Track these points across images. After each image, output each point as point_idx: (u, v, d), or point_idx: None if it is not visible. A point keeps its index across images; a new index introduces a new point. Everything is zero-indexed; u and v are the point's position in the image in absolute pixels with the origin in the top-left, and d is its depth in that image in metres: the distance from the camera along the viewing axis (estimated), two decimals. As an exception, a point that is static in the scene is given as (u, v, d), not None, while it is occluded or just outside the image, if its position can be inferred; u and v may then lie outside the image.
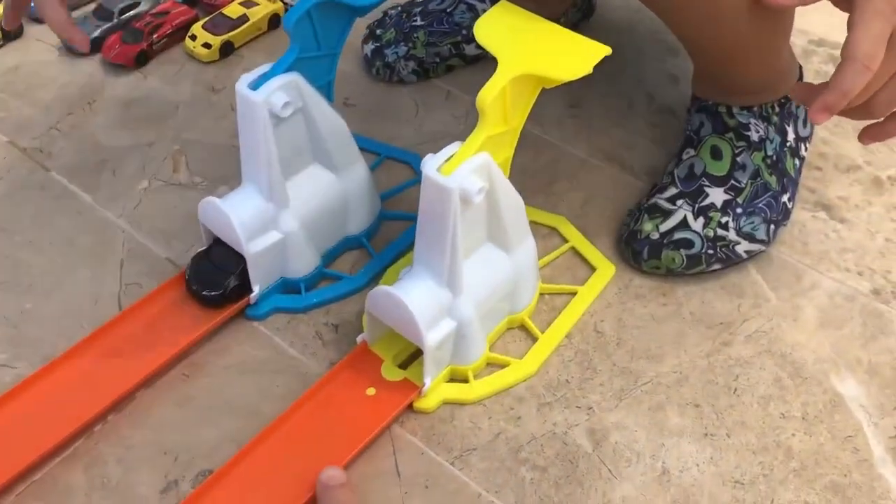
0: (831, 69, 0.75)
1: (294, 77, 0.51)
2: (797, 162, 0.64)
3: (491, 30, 0.48)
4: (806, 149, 0.65)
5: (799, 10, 0.55)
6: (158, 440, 0.51)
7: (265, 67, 0.51)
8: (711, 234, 0.58)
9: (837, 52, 0.47)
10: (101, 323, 0.55)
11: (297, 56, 0.51)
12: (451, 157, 0.46)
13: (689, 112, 0.64)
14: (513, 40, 0.47)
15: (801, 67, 0.65)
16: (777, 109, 0.62)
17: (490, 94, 0.45)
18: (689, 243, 0.58)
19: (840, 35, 0.45)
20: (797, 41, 0.77)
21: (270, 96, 0.50)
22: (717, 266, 0.59)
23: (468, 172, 0.46)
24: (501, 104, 0.46)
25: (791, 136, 0.63)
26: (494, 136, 0.47)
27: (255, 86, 0.51)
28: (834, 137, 0.70)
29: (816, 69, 0.76)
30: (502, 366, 0.54)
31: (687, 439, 0.51)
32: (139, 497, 0.48)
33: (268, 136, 0.52)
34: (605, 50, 0.46)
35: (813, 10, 0.53)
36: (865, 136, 0.51)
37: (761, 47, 0.58)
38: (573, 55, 0.46)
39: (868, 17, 0.44)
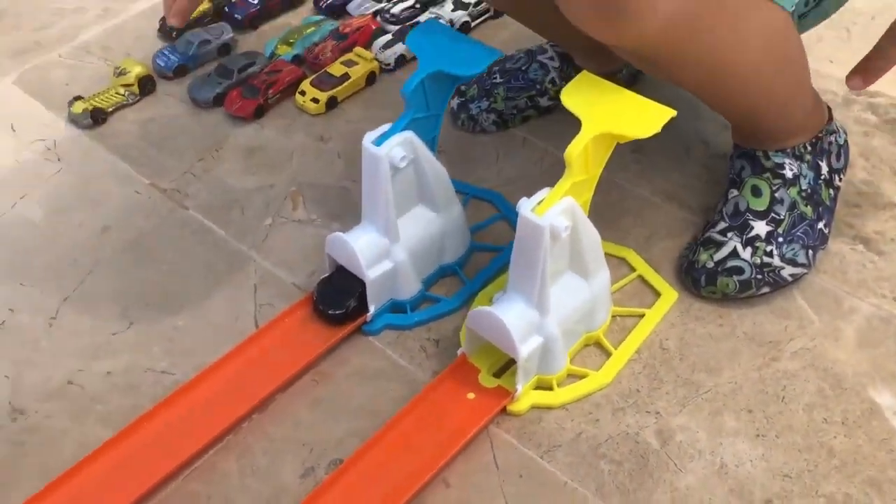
0: (871, 117, 0.84)
1: (409, 134, 0.62)
2: (832, 192, 0.72)
3: (575, 96, 0.58)
4: (841, 179, 0.74)
5: (839, 61, 0.64)
6: (296, 435, 0.61)
7: (385, 127, 0.62)
8: (759, 261, 0.67)
9: (876, 101, 0.56)
10: (242, 338, 0.66)
11: (411, 118, 0.62)
12: (543, 200, 0.56)
13: (732, 158, 0.73)
14: (593, 104, 0.57)
15: (829, 109, 0.73)
16: (809, 148, 0.71)
17: (576, 149, 0.55)
18: (740, 270, 0.67)
19: (877, 86, 0.54)
20: (839, 90, 0.86)
21: (391, 151, 0.61)
22: (765, 289, 0.68)
23: (557, 213, 0.56)
24: (584, 157, 0.56)
25: (825, 170, 0.72)
26: (578, 182, 0.57)
27: (377, 142, 0.61)
28: (872, 178, 0.78)
29: (856, 117, 0.84)
30: (581, 377, 0.64)
31: (741, 439, 0.60)
32: (282, 481, 0.59)
33: (387, 184, 0.62)
34: (670, 112, 0.56)
35: (854, 63, 0.63)
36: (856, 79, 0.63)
37: (779, 105, 0.68)
38: (644, 116, 0.56)
39: None
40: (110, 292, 0.72)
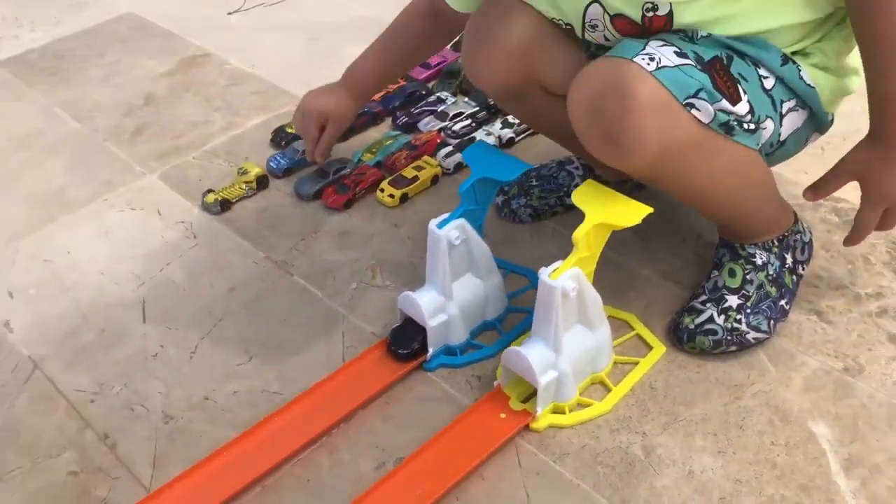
0: (834, 217, 1.04)
1: (462, 221, 0.85)
2: (795, 278, 0.92)
3: (581, 196, 0.81)
4: (804, 268, 0.94)
5: (813, 173, 0.85)
6: (372, 439, 0.83)
7: (445, 215, 0.86)
8: (730, 326, 0.87)
9: (839, 205, 0.78)
10: (333, 370, 0.89)
11: (465, 209, 0.85)
12: (556, 268, 0.78)
13: (717, 247, 0.94)
14: (593, 202, 0.80)
15: (795, 213, 0.93)
16: (776, 243, 0.91)
17: (580, 233, 0.77)
18: (714, 332, 0.87)
19: (842, 193, 0.77)
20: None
21: (449, 232, 0.84)
22: (733, 348, 0.87)
23: (567, 278, 0.78)
24: (587, 240, 0.78)
25: (790, 261, 0.92)
26: (583, 258, 0.79)
27: (439, 226, 0.85)
28: (830, 266, 0.98)
29: (822, 217, 1.05)
30: (587, 405, 0.84)
31: (707, 454, 0.79)
32: (361, 472, 0.80)
33: (445, 256, 0.85)
34: (647, 209, 0.78)
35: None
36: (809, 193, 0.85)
37: (749, 214, 0.89)
38: (629, 212, 0.78)
39: (872, 210, 0.81)
40: (235, 335, 0.95)
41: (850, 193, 1.02)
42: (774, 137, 0.83)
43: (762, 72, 0.79)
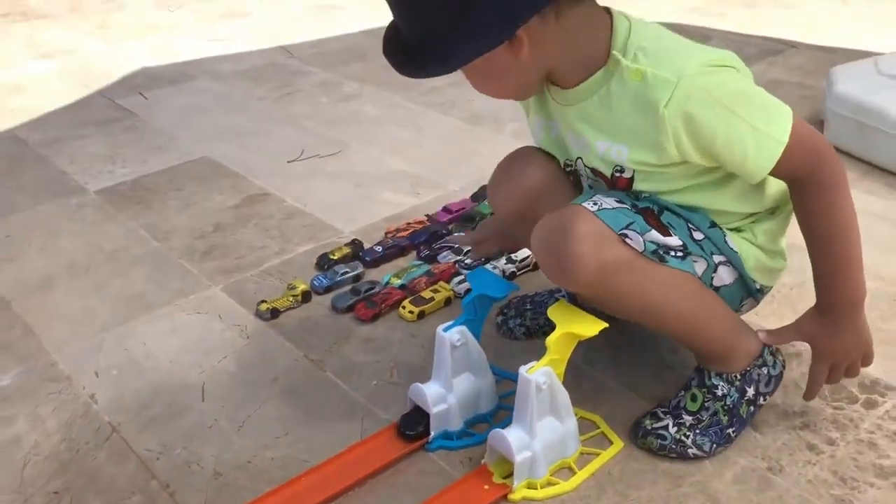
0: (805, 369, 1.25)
1: (463, 327, 1.09)
2: (752, 409, 1.08)
3: (555, 311, 1.04)
4: (765, 399, 1.09)
5: (763, 315, 1.07)
6: (379, 502, 1.02)
7: (450, 322, 1.09)
8: (678, 437, 1.06)
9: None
10: (351, 445, 1.09)
11: (466, 318, 1.09)
12: (532, 366, 1.00)
13: (694, 369, 1.11)
14: (563, 316, 1.03)
15: (767, 347, 1.09)
16: (738, 377, 1.08)
17: (551, 339, 1.00)
18: (664, 437, 1.07)
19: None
20: (757, 332, 1.28)
21: (451, 335, 1.07)
22: (674, 455, 1.05)
23: (540, 374, 1.00)
24: (557, 345, 1.01)
25: (750, 393, 1.08)
26: (553, 360, 1.01)
27: (445, 330, 1.08)
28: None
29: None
30: (555, 484, 1.03)
31: (648, 526, 0.97)
32: (369, 524, 0.99)
33: (448, 355, 1.08)
34: (604, 325, 1.01)
35: (772, 319, 1.06)
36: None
37: (697, 331, 1.06)
38: (589, 325, 1.01)
39: (822, 366, 1.04)
40: (276, 415, 1.17)
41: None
42: (707, 278, 1.04)
43: (691, 226, 1.03)
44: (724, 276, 1.05)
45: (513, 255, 1.48)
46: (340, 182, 1.85)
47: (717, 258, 1.04)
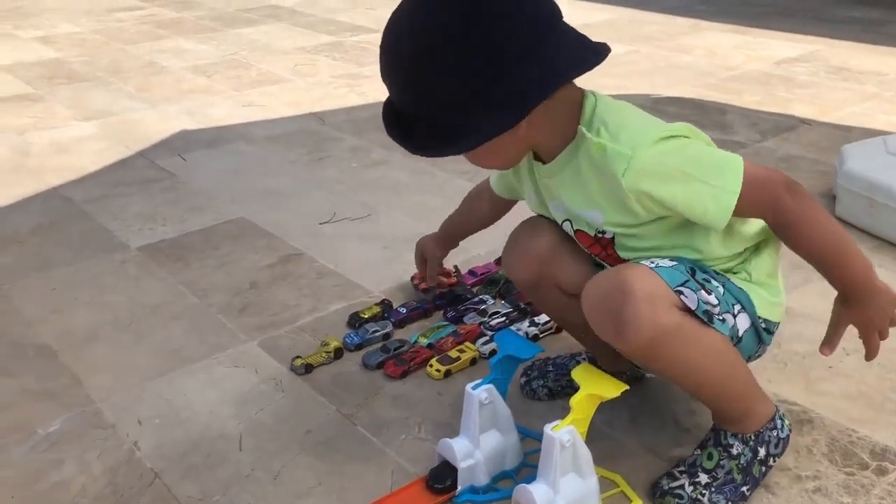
0: (791, 421, 1.29)
1: (491, 386, 1.15)
2: (763, 469, 1.14)
3: (578, 373, 1.10)
4: (775, 460, 1.15)
5: (777, 382, 1.13)
6: (409, 549, 1.07)
7: (478, 381, 1.15)
8: (694, 496, 1.11)
9: (793, 408, 1.07)
10: (382, 496, 1.15)
11: (493, 378, 1.15)
12: (556, 424, 1.06)
13: (710, 429, 1.17)
14: (587, 378, 1.09)
15: (778, 410, 1.16)
16: (753, 437, 1.14)
17: (575, 400, 1.06)
18: (681, 496, 1.11)
19: (792, 397, 1.04)
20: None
21: (480, 393, 1.14)
22: None
23: (564, 432, 1.05)
24: (580, 405, 1.07)
25: (762, 454, 1.14)
26: (577, 419, 1.07)
27: (474, 388, 1.14)
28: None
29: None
30: (577, 539, 1.08)
31: (666, 582, 1.01)
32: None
33: (476, 412, 1.14)
34: (625, 386, 1.07)
35: (787, 382, 1.12)
36: (826, 348, 1.10)
37: (727, 394, 1.12)
38: (611, 387, 1.07)
39: (870, 331, 1.07)
40: (309, 466, 1.23)
41: (800, 397, 1.30)
42: (734, 332, 1.09)
43: (712, 278, 1.09)
44: (743, 322, 1.11)
45: (535, 319, 1.55)
46: (369, 244, 1.93)
47: (735, 307, 1.10)
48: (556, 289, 1.23)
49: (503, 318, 1.56)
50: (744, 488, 1.12)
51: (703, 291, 1.05)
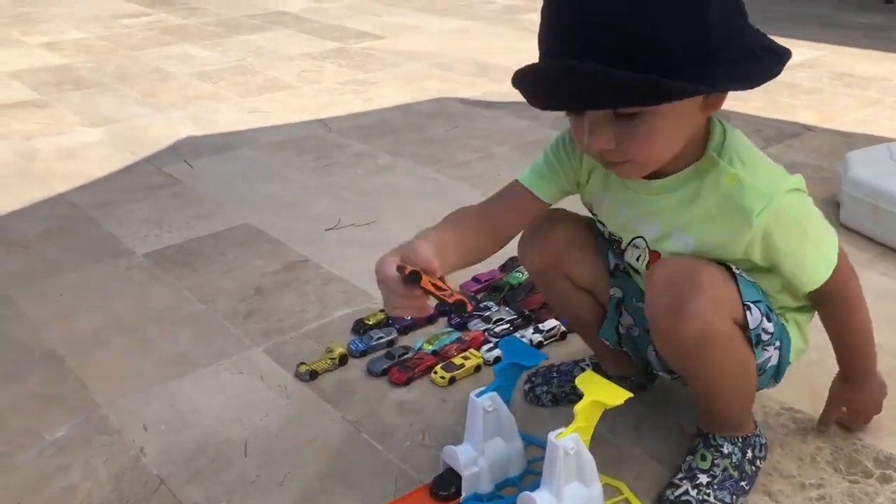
0: (791, 424, 1.30)
1: (494, 394, 1.15)
2: (753, 468, 1.17)
3: (582, 380, 1.10)
4: (761, 462, 1.18)
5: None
6: (413, 556, 1.08)
7: (482, 388, 1.16)
8: (701, 498, 1.12)
9: (797, 416, 1.07)
10: (386, 502, 1.15)
11: (497, 385, 1.16)
12: (561, 432, 1.07)
13: (694, 435, 1.21)
14: (591, 386, 1.09)
15: (755, 422, 1.20)
16: (740, 440, 1.16)
17: (579, 407, 1.06)
18: (689, 502, 1.12)
19: (800, 404, 1.07)
20: (770, 406, 1.34)
21: (484, 401, 1.14)
22: None
23: (568, 440, 1.06)
24: (584, 413, 1.07)
25: (749, 454, 1.17)
26: (581, 427, 1.07)
27: (478, 395, 1.15)
28: (783, 460, 1.23)
29: (782, 423, 1.31)
30: (581, 546, 1.08)
31: (670, 590, 1.02)
32: (403, 579, 1.04)
33: (480, 419, 1.14)
34: (629, 394, 1.07)
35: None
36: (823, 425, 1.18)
37: (734, 406, 1.15)
38: (614, 394, 1.08)
39: (859, 418, 1.25)
40: (314, 472, 1.23)
41: (805, 404, 1.30)
42: (764, 365, 1.11)
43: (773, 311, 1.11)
44: (773, 360, 1.14)
45: (540, 326, 1.55)
46: (375, 250, 1.90)
47: (776, 343, 1.12)
48: (567, 280, 1.24)
49: (507, 325, 1.57)
50: (742, 483, 1.15)
51: (764, 318, 1.07)
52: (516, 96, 0.95)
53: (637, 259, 1.15)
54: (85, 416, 1.37)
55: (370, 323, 1.59)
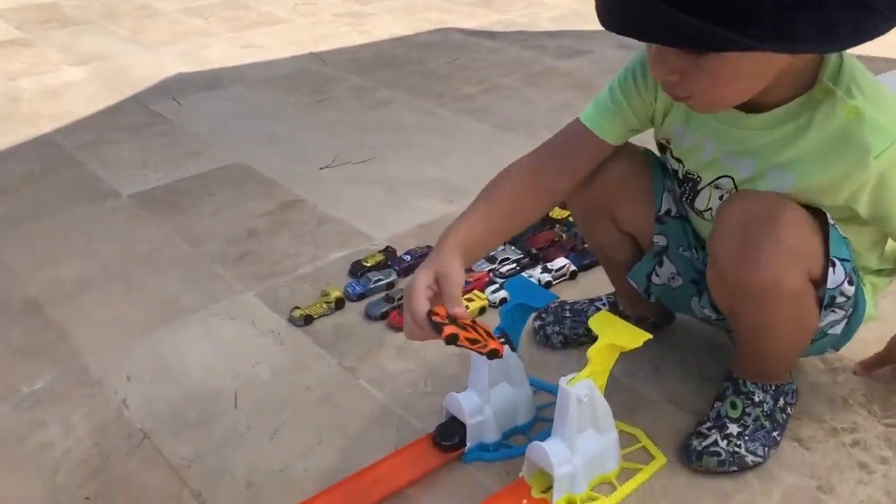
0: (821, 364, 1.20)
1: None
2: (784, 416, 1.08)
3: (597, 321, 1.01)
4: (791, 409, 1.09)
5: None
6: (415, 511, 1.00)
7: (488, 332, 1.07)
8: (731, 450, 1.03)
9: (826, 356, 0.98)
10: (386, 455, 1.07)
11: (503, 327, 1.06)
12: (573, 378, 0.98)
13: (722, 380, 1.11)
14: (606, 327, 1.00)
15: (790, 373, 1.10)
16: (773, 388, 1.07)
17: (593, 351, 0.97)
18: (718, 454, 1.03)
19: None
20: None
21: (490, 346, 1.05)
22: (734, 468, 1.02)
23: (581, 387, 0.97)
24: (599, 356, 0.98)
25: (781, 403, 1.08)
26: (595, 371, 0.98)
27: (482, 340, 1.05)
28: (813, 402, 1.14)
29: (811, 362, 1.22)
30: (595, 500, 1.00)
31: (693, 545, 0.94)
32: (404, 536, 0.97)
33: (485, 365, 1.05)
34: (647, 336, 0.98)
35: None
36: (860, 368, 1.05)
37: (781, 359, 1.05)
38: (633, 337, 0.98)
39: None
40: (309, 423, 1.15)
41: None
42: (826, 329, 1.01)
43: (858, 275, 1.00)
44: (841, 327, 1.02)
45: (549, 265, 1.45)
46: (373, 189, 1.83)
47: (849, 311, 1.01)
48: (611, 220, 1.12)
49: (514, 265, 1.47)
50: (774, 433, 1.06)
51: (846, 281, 0.96)
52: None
53: (719, 199, 1.00)
54: (65, 367, 1.28)
55: (368, 265, 1.49)
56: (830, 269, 0.93)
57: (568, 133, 1.05)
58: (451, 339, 0.89)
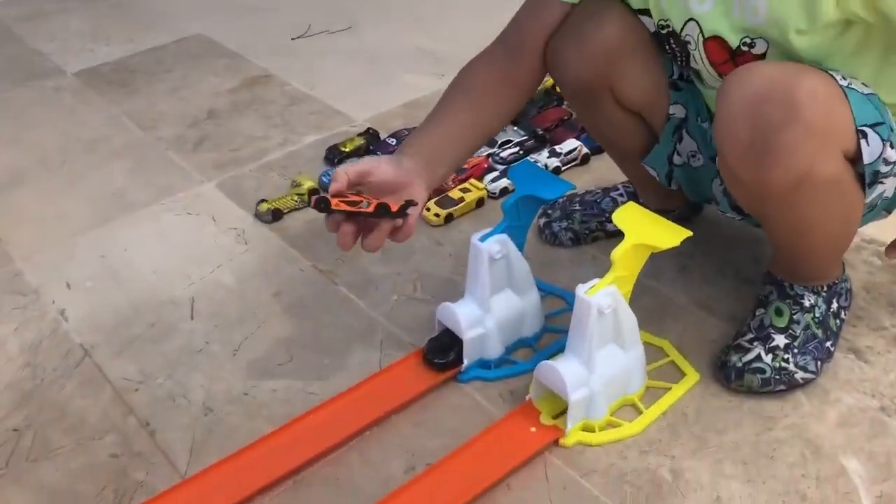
0: (876, 261, 1.04)
1: (503, 237, 0.88)
2: (838, 322, 0.92)
3: (622, 216, 0.82)
4: (846, 313, 0.93)
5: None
6: (403, 443, 0.84)
7: (487, 230, 0.88)
8: (777, 365, 0.87)
9: (882, 250, 0.78)
10: (369, 375, 0.91)
11: (507, 225, 0.88)
12: (593, 285, 0.80)
13: (763, 283, 0.94)
14: (634, 223, 0.81)
15: (844, 265, 0.93)
16: (825, 289, 0.90)
17: (618, 252, 0.79)
18: (762, 371, 0.87)
19: (886, 237, 0.77)
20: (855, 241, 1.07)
21: (490, 246, 0.87)
22: (781, 387, 0.86)
23: (603, 296, 0.79)
24: (625, 259, 0.80)
25: (834, 306, 0.91)
26: (620, 277, 0.80)
27: (481, 239, 0.87)
28: (869, 307, 0.98)
29: (865, 259, 1.04)
30: (617, 425, 0.85)
31: (735, 482, 0.79)
32: (391, 474, 0.81)
33: (485, 270, 0.87)
34: (687, 233, 0.79)
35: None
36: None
37: (824, 258, 0.88)
38: (669, 234, 0.80)
39: None
40: (278, 337, 0.98)
41: (889, 235, 1.03)
42: (877, 199, 0.83)
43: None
44: (890, 190, 0.83)
45: (557, 148, 1.25)
46: (353, 62, 1.62)
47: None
48: (612, 98, 0.93)
49: (517, 148, 1.27)
50: (828, 343, 0.90)
51: (888, 145, 0.76)
52: None
53: (700, 59, 0.83)
54: (-7, 272, 1.11)
55: (346, 150, 1.29)
56: (862, 141, 0.75)
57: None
58: (320, 204, 0.76)
